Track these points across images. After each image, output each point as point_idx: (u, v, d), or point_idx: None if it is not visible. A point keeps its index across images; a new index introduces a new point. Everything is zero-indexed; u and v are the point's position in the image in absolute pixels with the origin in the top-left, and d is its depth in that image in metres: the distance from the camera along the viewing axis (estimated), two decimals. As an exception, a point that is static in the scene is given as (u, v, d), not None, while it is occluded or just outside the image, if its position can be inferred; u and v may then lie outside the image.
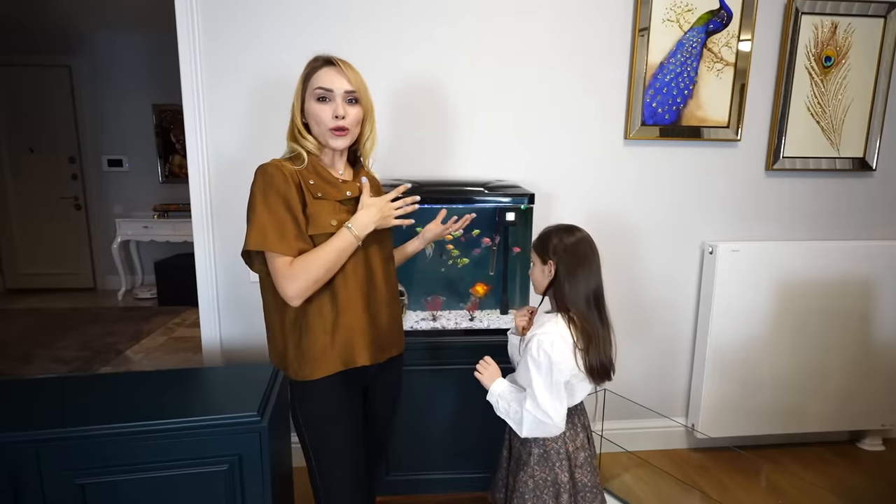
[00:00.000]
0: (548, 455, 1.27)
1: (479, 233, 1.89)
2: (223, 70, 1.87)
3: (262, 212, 1.10)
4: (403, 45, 1.91)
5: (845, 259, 2.14)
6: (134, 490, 1.26)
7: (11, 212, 4.66)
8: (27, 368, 3.06)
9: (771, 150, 2.12)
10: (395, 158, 1.97)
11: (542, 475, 1.27)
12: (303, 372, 1.17)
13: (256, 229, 1.10)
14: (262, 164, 1.15)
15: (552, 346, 1.18)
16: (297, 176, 1.16)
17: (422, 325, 1.84)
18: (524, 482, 1.28)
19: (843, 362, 2.21)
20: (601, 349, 1.21)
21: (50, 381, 1.51)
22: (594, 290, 1.24)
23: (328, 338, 1.16)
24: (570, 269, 1.23)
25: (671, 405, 2.30)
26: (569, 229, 1.28)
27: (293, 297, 1.10)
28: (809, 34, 2.04)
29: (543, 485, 1.27)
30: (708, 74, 2.02)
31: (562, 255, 1.23)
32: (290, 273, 1.09)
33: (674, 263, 2.18)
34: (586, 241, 1.26)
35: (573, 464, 1.28)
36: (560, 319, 1.23)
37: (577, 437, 1.30)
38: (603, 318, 1.25)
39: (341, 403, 1.21)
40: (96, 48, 4.50)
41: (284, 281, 1.10)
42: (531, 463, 1.28)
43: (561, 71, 1.99)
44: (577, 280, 1.22)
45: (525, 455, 1.29)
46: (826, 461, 2.25)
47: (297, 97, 1.20)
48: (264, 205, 1.11)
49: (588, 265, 1.23)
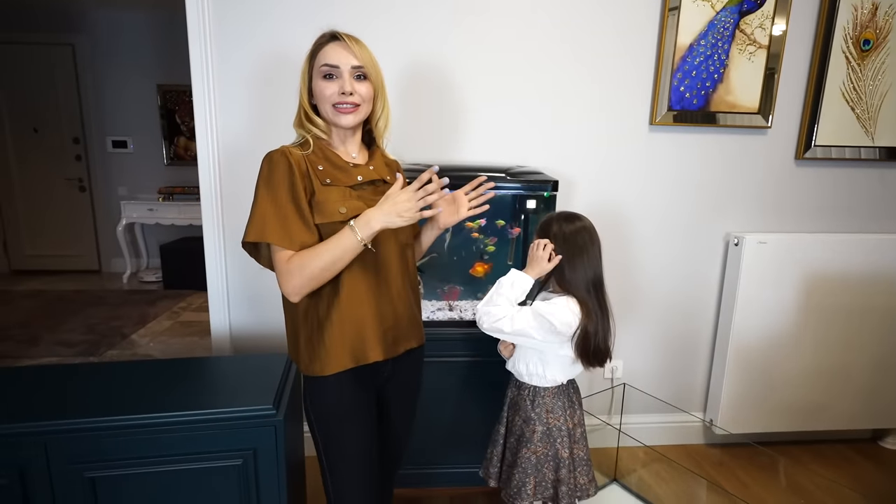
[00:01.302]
0: (550, 432, 1.33)
1: (503, 224, 1.81)
2: (233, 50, 1.79)
3: (265, 201, 1.06)
4: (422, 27, 1.83)
5: (875, 253, 2.06)
6: (145, 485, 1.21)
7: (16, 192, 4.60)
8: (33, 351, 3.03)
9: (802, 138, 2.03)
10: (411, 142, 1.89)
11: (545, 451, 1.33)
12: (313, 367, 1.12)
13: (257, 219, 1.05)
14: (269, 152, 1.10)
15: (552, 315, 1.23)
16: (305, 162, 1.09)
17: (438, 316, 1.79)
18: (527, 458, 1.33)
19: (868, 359, 2.15)
20: (600, 333, 1.27)
21: (56, 369, 1.47)
22: (593, 278, 1.28)
23: (338, 332, 1.10)
24: (570, 256, 1.27)
25: (689, 400, 2.25)
26: (569, 217, 1.31)
27: (290, 293, 1.06)
28: (848, 15, 1.94)
29: (545, 459, 1.33)
30: (739, 58, 1.93)
31: (561, 242, 1.27)
32: (287, 269, 1.05)
33: (697, 254, 2.11)
34: (586, 230, 1.29)
35: (572, 440, 1.35)
36: (570, 297, 1.27)
37: (575, 413, 1.37)
38: (602, 304, 1.29)
39: (352, 402, 1.15)
40: (100, 26, 4.40)
41: (281, 276, 1.06)
42: (534, 440, 1.33)
43: (585, 53, 1.90)
44: (575, 267, 1.27)
45: (528, 433, 1.34)
46: (847, 459, 2.20)
47: (303, 77, 1.14)
48: (267, 194, 1.06)
49: (587, 253, 1.27)
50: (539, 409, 1.34)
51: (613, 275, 1.99)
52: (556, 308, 1.25)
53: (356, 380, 1.14)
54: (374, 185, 1.17)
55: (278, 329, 1.91)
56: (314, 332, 1.11)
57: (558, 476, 1.33)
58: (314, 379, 1.13)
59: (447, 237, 1.82)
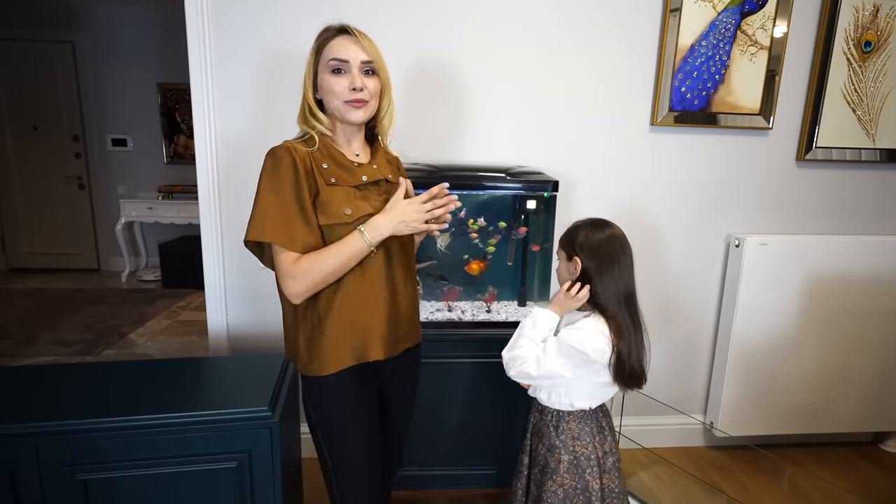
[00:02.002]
0: (578, 462, 1.20)
1: (504, 225, 1.79)
2: (233, 47, 1.78)
3: (268, 200, 1.03)
4: (427, 24, 1.81)
5: (877, 255, 2.05)
6: (138, 487, 1.19)
7: (14, 190, 4.59)
8: (29, 350, 3.02)
9: (803, 139, 2.02)
10: (412, 142, 1.88)
11: (572, 483, 1.19)
12: (312, 367, 1.10)
13: (258, 218, 1.03)
14: (273, 147, 1.06)
15: (580, 343, 1.12)
16: (310, 159, 1.07)
17: (437, 316, 1.77)
18: (553, 492, 1.20)
19: (869, 362, 2.13)
20: (633, 353, 1.15)
21: (50, 369, 1.45)
22: (624, 291, 1.16)
23: (339, 330, 1.08)
24: (598, 267, 1.15)
25: (690, 402, 2.24)
26: (598, 224, 1.20)
27: (293, 295, 1.05)
28: (849, 17, 1.93)
29: (573, 493, 1.19)
30: (741, 58, 1.92)
31: (588, 252, 1.16)
32: (291, 271, 1.02)
33: (697, 256, 2.10)
34: (616, 238, 1.17)
35: (602, 470, 1.21)
36: (597, 315, 1.16)
37: (606, 441, 1.24)
38: (635, 320, 1.18)
39: (354, 401, 1.14)
40: (101, 24, 4.39)
41: (284, 279, 1.04)
42: (560, 471, 1.20)
43: (587, 52, 1.89)
44: (605, 280, 1.15)
45: (553, 463, 1.21)
46: (848, 462, 2.19)
47: (308, 71, 1.11)
48: (271, 192, 1.03)
49: (617, 263, 1.15)
50: (564, 436, 1.22)
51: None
52: (585, 334, 1.13)
53: (358, 379, 1.12)
54: (377, 185, 1.15)
55: (276, 328, 1.89)
56: (314, 330, 1.09)
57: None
58: (314, 379, 1.11)
59: (441, 244, 1.80)
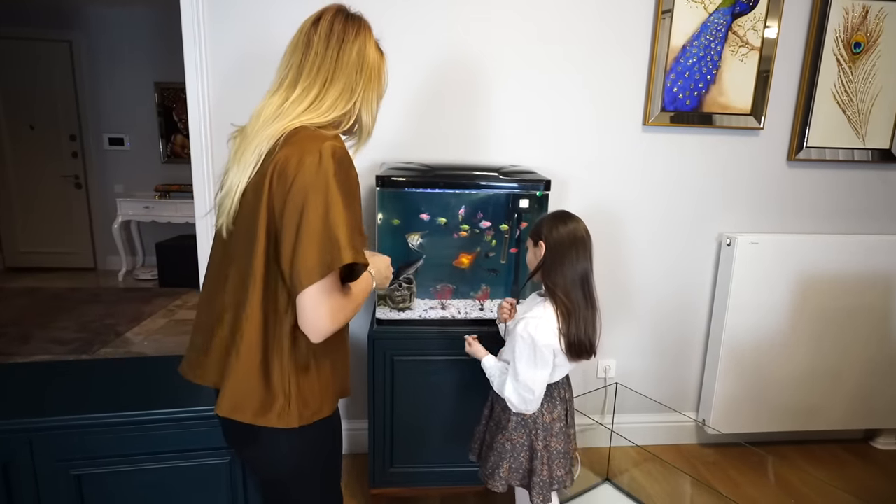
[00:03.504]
0: (524, 422, 1.36)
1: (489, 224, 1.81)
2: (229, 46, 1.79)
3: (348, 213, 0.85)
4: (423, 28, 1.83)
5: (867, 254, 2.07)
6: (132, 482, 1.21)
7: (11, 189, 4.58)
8: (25, 349, 3.02)
9: (794, 139, 2.04)
10: (408, 142, 1.90)
11: (519, 440, 1.36)
12: (307, 413, 0.93)
13: (350, 236, 0.84)
14: (334, 145, 0.87)
15: (536, 329, 1.25)
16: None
17: (430, 315, 1.79)
18: (501, 444, 1.38)
19: (860, 360, 2.15)
20: (581, 327, 1.28)
21: (45, 367, 1.46)
22: (581, 275, 1.29)
23: (333, 367, 0.99)
24: (558, 253, 1.29)
25: (682, 399, 2.25)
26: (562, 217, 1.33)
27: (325, 333, 0.87)
28: (839, 19, 1.95)
29: (520, 448, 1.37)
30: (732, 59, 1.93)
31: (551, 241, 1.29)
32: (342, 304, 0.88)
33: (689, 255, 2.12)
34: (577, 230, 1.31)
35: (549, 433, 1.36)
36: (548, 304, 1.30)
37: (555, 409, 1.38)
38: (588, 299, 1.31)
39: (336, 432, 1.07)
40: (97, 23, 4.39)
41: (332, 313, 0.86)
42: (509, 428, 1.37)
43: (580, 54, 1.91)
44: (563, 264, 1.28)
45: (504, 420, 1.38)
46: (839, 459, 2.21)
47: (380, 81, 1.02)
48: (347, 207, 0.86)
49: (576, 251, 1.29)
50: None
51: (606, 274, 2.00)
52: (539, 334, 1.26)
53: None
54: None
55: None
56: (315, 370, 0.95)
57: (532, 466, 1.36)
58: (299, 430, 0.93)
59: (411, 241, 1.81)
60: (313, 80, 0.93)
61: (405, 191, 1.72)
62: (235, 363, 0.89)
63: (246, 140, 0.92)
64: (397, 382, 1.71)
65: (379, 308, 1.77)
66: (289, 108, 0.92)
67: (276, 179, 0.85)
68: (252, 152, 0.89)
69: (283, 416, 0.90)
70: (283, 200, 0.84)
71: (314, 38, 0.94)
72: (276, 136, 0.89)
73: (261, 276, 0.88)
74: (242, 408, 0.90)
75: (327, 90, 0.93)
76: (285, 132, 0.89)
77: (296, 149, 0.85)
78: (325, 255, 0.82)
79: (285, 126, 0.90)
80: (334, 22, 0.96)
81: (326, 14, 0.97)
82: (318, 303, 0.84)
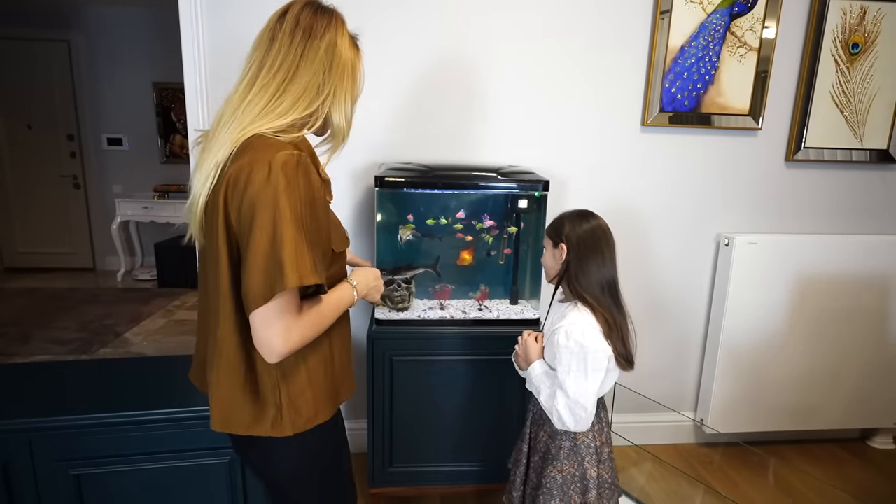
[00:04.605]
0: (578, 449, 1.21)
1: (480, 226, 1.82)
2: (227, 46, 1.79)
3: (300, 231, 0.80)
4: (420, 30, 1.83)
5: (865, 254, 2.08)
6: (132, 482, 1.21)
7: (9, 189, 4.58)
8: (24, 349, 3.02)
9: (792, 139, 2.05)
10: (406, 142, 1.90)
11: (571, 470, 1.21)
12: (301, 421, 0.91)
13: (296, 258, 0.79)
14: (283, 155, 0.80)
15: (583, 335, 1.13)
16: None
17: (429, 315, 1.79)
18: (552, 477, 1.21)
19: (858, 360, 2.16)
20: (619, 336, 1.17)
21: (45, 367, 1.47)
22: (608, 279, 1.19)
23: (327, 373, 0.96)
24: (583, 255, 1.18)
25: (680, 399, 2.26)
26: (583, 215, 1.23)
27: (282, 354, 0.82)
28: (837, 19, 1.95)
29: (571, 480, 1.21)
30: (730, 60, 1.94)
31: (574, 242, 1.19)
32: (294, 325, 0.82)
33: (688, 255, 2.12)
34: (600, 229, 1.21)
35: (599, 458, 1.23)
36: (582, 306, 1.18)
37: (603, 431, 1.26)
38: (618, 306, 1.20)
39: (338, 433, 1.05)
40: (95, 23, 4.39)
41: (283, 332, 0.81)
42: (560, 457, 1.21)
43: (578, 54, 1.91)
44: (588, 267, 1.18)
45: (554, 449, 1.23)
46: (836, 458, 2.22)
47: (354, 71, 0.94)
48: (300, 224, 0.81)
49: (601, 253, 1.18)
50: None
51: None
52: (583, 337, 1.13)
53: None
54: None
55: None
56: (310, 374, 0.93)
57: (586, 499, 1.21)
58: (297, 437, 0.91)
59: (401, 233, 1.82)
60: (272, 78, 0.86)
61: (404, 191, 1.73)
62: (216, 378, 0.88)
63: (207, 148, 0.88)
64: (396, 382, 1.71)
65: (378, 308, 1.77)
66: (244, 111, 0.86)
67: (229, 193, 0.82)
68: (210, 161, 0.85)
69: (276, 426, 0.89)
70: (238, 216, 0.81)
71: (278, 32, 0.88)
72: (231, 146, 0.84)
73: (228, 289, 0.84)
74: (234, 422, 0.88)
75: (286, 88, 0.87)
76: (239, 141, 0.84)
77: (247, 160, 0.81)
78: (269, 279, 0.78)
79: (240, 134, 0.84)
80: (301, 15, 0.89)
81: (294, 6, 0.90)
82: (266, 324, 0.80)
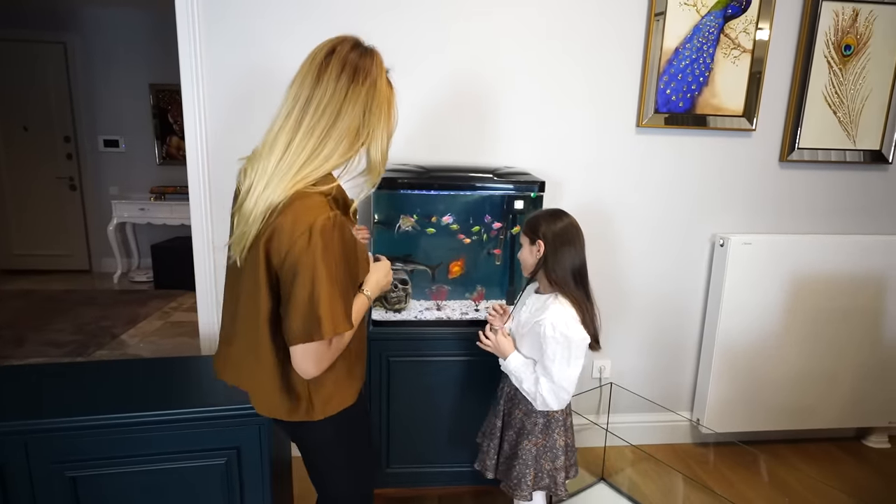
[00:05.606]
0: (549, 424, 1.38)
1: (478, 228, 1.82)
2: (224, 47, 1.79)
3: (334, 286, 0.91)
4: (418, 31, 1.84)
5: (860, 254, 2.09)
6: (128, 484, 1.21)
7: (5, 190, 4.56)
8: (19, 352, 3.01)
9: (786, 140, 2.06)
10: (404, 143, 1.90)
11: (543, 442, 1.37)
12: (332, 405, 1.05)
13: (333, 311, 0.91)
14: (322, 221, 0.89)
15: (568, 327, 1.27)
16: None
17: (426, 315, 1.80)
18: (528, 450, 1.37)
19: (853, 360, 2.17)
20: (589, 319, 1.33)
21: (41, 368, 1.47)
22: (578, 268, 1.35)
23: (350, 370, 1.10)
24: (558, 249, 1.33)
25: (676, 399, 2.27)
26: (556, 214, 1.38)
27: (311, 376, 0.97)
28: (830, 21, 1.97)
29: (543, 450, 1.38)
30: (724, 61, 1.95)
31: (549, 238, 1.33)
32: (328, 355, 0.96)
33: (683, 255, 2.13)
34: (572, 226, 1.36)
35: (565, 428, 1.40)
36: (562, 298, 1.32)
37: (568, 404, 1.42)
38: (587, 292, 1.36)
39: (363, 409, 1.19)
40: (92, 24, 4.38)
41: (319, 361, 0.95)
42: (535, 432, 1.37)
43: (574, 56, 1.92)
44: (563, 259, 1.33)
45: (529, 425, 1.38)
46: (832, 457, 2.23)
47: (389, 117, 1.03)
48: (336, 279, 0.92)
49: (573, 246, 1.34)
50: None
51: (600, 275, 2.00)
52: (568, 329, 1.27)
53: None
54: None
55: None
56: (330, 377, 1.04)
57: (555, 465, 1.38)
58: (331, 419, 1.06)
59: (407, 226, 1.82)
60: (318, 120, 0.92)
61: (400, 192, 1.73)
62: (257, 380, 1.03)
63: (259, 180, 0.93)
64: (393, 383, 1.72)
65: (374, 309, 1.78)
66: (294, 153, 0.92)
67: (272, 245, 0.91)
68: (263, 201, 0.91)
69: (309, 413, 1.04)
70: (280, 265, 0.92)
71: (324, 71, 0.93)
72: (283, 195, 0.91)
73: (266, 317, 0.96)
74: (277, 411, 1.04)
75: (328, 132, 0.93)
76: (289, 192, 0.91)
77: (290, 221, 0.89)
78: (308, 327, 0.90)
79: (291, 182, 0.91)
80: (348, 56, 0.94)
81: (342, 47, 0.95)
82: (303, 357, 0.93)
